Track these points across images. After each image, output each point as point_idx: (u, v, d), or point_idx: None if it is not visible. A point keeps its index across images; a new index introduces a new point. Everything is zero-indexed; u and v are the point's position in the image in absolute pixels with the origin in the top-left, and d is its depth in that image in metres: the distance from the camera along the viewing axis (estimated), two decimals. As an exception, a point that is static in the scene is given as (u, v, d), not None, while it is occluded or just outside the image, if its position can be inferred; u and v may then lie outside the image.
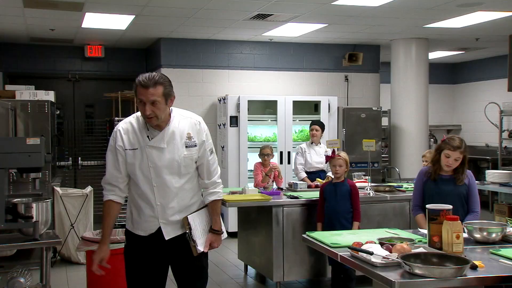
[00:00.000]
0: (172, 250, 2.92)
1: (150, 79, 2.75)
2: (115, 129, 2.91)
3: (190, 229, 2.90)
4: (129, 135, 2.86)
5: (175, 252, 2.93)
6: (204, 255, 3.00)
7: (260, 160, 5.97)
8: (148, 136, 2.84)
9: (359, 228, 4.64)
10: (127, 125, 2.90)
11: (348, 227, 4.61)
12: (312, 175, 6.21)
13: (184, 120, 2.91)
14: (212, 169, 2.99)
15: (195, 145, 2.90)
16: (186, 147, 2.87)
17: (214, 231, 2.99)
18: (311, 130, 6.42)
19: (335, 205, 4.70)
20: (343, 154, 4.80)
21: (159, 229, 2.88)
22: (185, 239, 2.90)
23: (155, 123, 2.82)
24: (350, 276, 4.72)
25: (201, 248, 2.92)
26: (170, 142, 2.85)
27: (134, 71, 9.10)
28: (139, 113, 2.88)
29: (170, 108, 2.89)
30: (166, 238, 2.88)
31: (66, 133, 8.67)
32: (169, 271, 3.05)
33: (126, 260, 3.02)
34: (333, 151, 4.87)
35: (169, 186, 2.86)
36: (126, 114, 8.44)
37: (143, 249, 2.93)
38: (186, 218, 2.90)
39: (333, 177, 4.90)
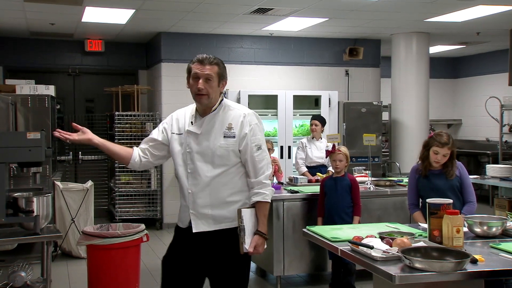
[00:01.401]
0: (203, 247, 2.77)
1: (208, 57, 2.78)
2: (172, 113, 3.00)
3: (242, 222, 2.72)
4: (179, 120, 2.90)
5: (209, 251, 2.77)
6: (246, 263, 2.83)
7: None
8: (191, 122, 2.85)
9: (359, 223, 4.65)
10: (182, 111, 2.95)
11: (349, 221, 4.61)
12: (313, 169, 6.21)
13: (230, 111, 2.83)
14: (259, 167, 2.80)
15: (234, 137, 2.77)
16: (224, 137, 2.77)
17: (260, 233, 2.79)
18: (311, 125, 6.41)
19: (335, 199, 4.71)
20: (343, 149, 4.80)
21: (191, 221, 2.79)
22: (218, 238, 2.75)
23: (205, 102, 2.77)
24: (350, 270, 4.73)
25: (247, 247, 2.73)
26: (208, 129, 2.80)
27: (134, 66, 9.13)
28: (194, 105, 2.90)
29: (222, 97, 2.87)
30: (194, 231, 2.75)
31: (67, 127, 8.67)
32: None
33: (164, 259, 2.92)
34: (333, 146, 4.87)
35: (201, 174, 2.77)
36: (126, 108, 8.46)
37: (182, 243, 2.85)
38: (240, 210, 2.74)
39: (333, 171, 4.90)
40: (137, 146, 3.01)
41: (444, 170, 3.81)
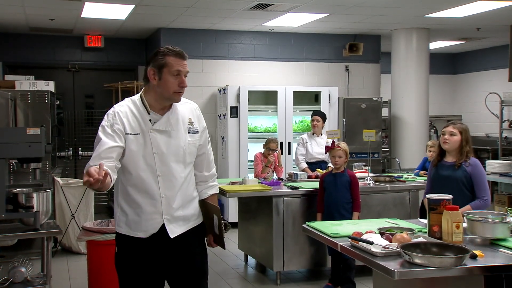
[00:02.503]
0: (175, 251, 2.63)
1: (182, 50, 2.59)
2: (110, 112, 2.59)
3: (222, 217, 2.68)
4: (128, 118, 2.56)
5: (178, 254, 2.64)
6: (206, 258, 2.77)
7: (261, 150, 5.97)
8: (150, 120, 2.58)
9: (358, 218, 4.66)
10: (125, 108, 2.59)
11: (348, 217, 4.62)
12: (313, 165, 6.22)
13: (183, 105, 2.69)
14: (211, 160, 2.79)
15: (197, 131, 2.68)
16: (189, 133, 2.65)
17: (228, 224, 2.78)
18: (312, 120, 6.40)
19: (334, 195, 4.71)
20: (343, 145, 4.80)
21: (162, 227, 2.58)
22: (187, 238, 2.64)
23: (179, 100, 2.62)
24: (349, 266, 4.74)
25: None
26: (175, 126, 2.61)
27: (134, 62, 9.12)
28: (135, 97, 2.65)
29: None
30: (172, 236, 2.58)
31: (66, 123, 8.67)
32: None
33: (120, 269, 2.67)
34: (333, 142, 4.87)
35: (175, 175, 2.59)
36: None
37: (141, 253, 2.60)
38: (218, 207, 2.70)
39: (333, 167, 4.91)
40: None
41: (456, 161, 3.86)
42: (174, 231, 2.60)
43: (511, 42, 7.74)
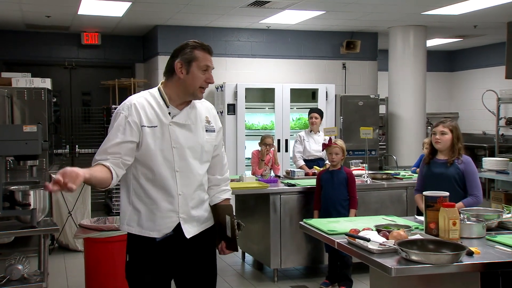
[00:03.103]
0: (188, 254, 2.52)
1: (210, 46, 2.52)
2: (127, 103, 2.45)
3: (234, 218, 2.59)
4: (146, 110, 2.43)
5: (190, 256, 2.53)
6: (215, 263, 2.67)
7: (258, 148, 5.98)
8: (169, 113, 2.47)
9: (355, 216, 4.67)
10: (142, 100, 2.46)
11: (345, 214, 4.63)
12: (311, 163, 6.22)
13: (199, 103, 2.60)
14: (225, 163, 2.70)
15: (214, 131, 2.59)
16: (206, 131, 2.55)
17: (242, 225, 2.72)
18: (310, 118, 6.40)
19: (331, 192, 4.72)
20: (340, 142, 4.81)
21: (177, 227, 2.46)
22: (200, 240, 2.54)
23: (202, 97, 2.56)
24: (346, 263, 4.75)
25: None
26: (193, 122, 2.52)
27: (131, 59, 9.10)
28: (152, 91, 2.53)
29: None
30: (188, 237, 2.47)
31: (63, 120, 8.65)
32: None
33: (132, 277, 2.50)
34: (330, 139, 4.88)
35: (193, 172, 2.48)
36: (123, 101, 8.41)
37: (153, 256, 2.47)
38: (231, 210, 2.62)
39: (330, 164, 4.91)
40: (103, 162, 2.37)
41: (448, 159, 3.89)
42: (189, 231, 2.49)
43: (508, 40, 7.75)
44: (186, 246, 2.50)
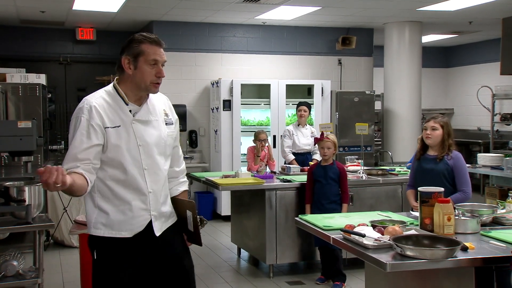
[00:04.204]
0: (160, 250, 2.48)
1: (158, 37, 2.42)
2: (85, 105, 2.36)
3: (197, 214, 2.56)
4: (106, 110, 2.37)
5: (163, 253, 2.49)
6: (189, 253, 2.64)
7: (253, 144, 5.98)
8: (130, 111, 2.41)
9: (348, 210, 4.70)
10: (100, 100, 2.38)
11: (337, 209, 4.66)
12: (300, 156, 6.26)
13: (155, 96, 2.52)
14: (180, 155, 2.67)
15: (172, 123, 2.56)
16: (166, 124, 2.51)
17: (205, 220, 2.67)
18: (298, 110, 6.43)
19: (323, 187, 4.75)
20: (331, 136, 4.85)
21: (148, 224, 2.43)
22: (169, 235, 2.51)
23: (157, 92, 2.47)
24: (336, 256, 4.76)
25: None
26: (154, 117, 2.48)
27: (126, 54, 9.06)
28: (108, 88, 2.46)
29: None
30: (157, 234, 2.44)
31: (58, 116, 8.62)
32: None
33: (98, 277, 2.43)
34: (322, 133, 4.90)
35: (160, 168, 2.47)
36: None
37: (124, 255, 2.40)
38: (193, 202, 2.57)
39: (318, 159, 4.93)
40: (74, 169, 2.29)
41: (437, 155, 3.91)
42: (158, 228, 2.46)
43: (503, 36, 7.76)
44: (158, 243, 2.47)
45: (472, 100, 10.21)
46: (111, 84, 2.48)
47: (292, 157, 6.28)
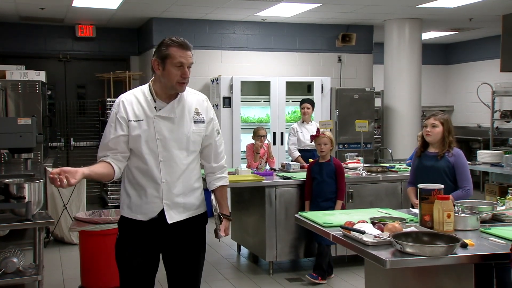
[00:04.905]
0: (172, 237, 2.70)
1: (186, 41, 2.63)
2: (117, 100, 2.71)
3: (217, 209, 2.75)
4: (133, 106, 2.66)
5: (174, 240, 2.71)
6: (202, 249, 2.85)
7: (253, 141, 5.98)
8: (155, 108, 2.66)
9: (343, 207, 4.71)
10: (130, 97, 2.70)
11: (332, 207, 4.68)
12: (306, 153, 6.25)
13: (191, 95, 2.76)
14: (220, 151, 2.85)
15: (203, 122, 2.74)
16: (194, 122, 2.71)
17: (227, 217, 2.84)
18: (302, 108, 6.45)
19: (320, 184, 4.77)
20: (328, 133, 4.86)
21: (162, 212, 2.66)
22: (185, 226, 2.71)
23: (183, 90, 2.69)
24: (321, 253, 4.78)
25: (222, 233, 2.79)
26: (179, 114, 2.68)
27: (126, 51, 9.06)
28: (143, 87, 2.74)
29: None
30: (169, 222, 2.65)
31: (58, 113, 8.62)
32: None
33: (120, 253, 2.73)
34: (317, 130, 4.92)
35: (177, 161, 2.67)
36: (118, 94, 8.36)
37: (140, 236, 2.68)
38: (214, 198, 2.80)
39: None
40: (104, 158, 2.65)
41: (438, 152, 3.90)
42: (172, 217, 2.67)
43: (503, 33, 7.75)
44: (171, 230, 2.68)
45: (472, 97, 10.21)
46: (148, 83, 2.77)
47: (297, 154, 6.30)
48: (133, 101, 2.68)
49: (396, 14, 7.97)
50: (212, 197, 2.82)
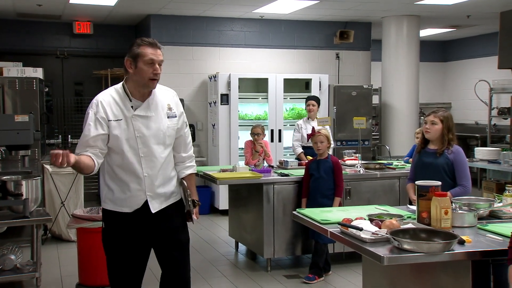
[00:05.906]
0: (157, 224, 2.90)
1: (156, 41, 2.83)
2: (94, 101, 2.83)
3: (190, 195, 2.96)
4: (111, 106, 2.81)
5: (159, 227, 2.91)
6: (186, 229, 3.06)
7: (250, 138, 5.97)
8: (132, 107, 2.83)
9: (340, 204, 4.71)
10: (107, 97, 2.84)
11: (329, 204, 4.68)
12: (309, 150, 6.25)
13: (162, 92, 2.94)
14: (188, 142, 3.05)
15: (175, 116, 2.93)
16: (168, 117, 2.90)
17: (198, 202, 3.04)
18: (307, 105, 6.46)
19: (318, 181, 4.77)
20: (324, 131, 4.87)
21: (145, 203, 2.86)
22: (167, 212, 2.91)
23: (155, 87, 2.84)
24: (317, 251, 4.79)
25: (195, 216, 3.00)
26: (154, 111, 2.86)
27: (123, 48, 8.94)
28: (117, 86, 2.88)
29: None
30: (153, 211, 2.86)
31: (55, 110, 8.60)
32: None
33: (107, 243, 2.94)
34: (313, 128, 4.92)
35: (156, 156, 2.85)
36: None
37: (126, 227, 2.87)
38: (185, 184, 2.97)
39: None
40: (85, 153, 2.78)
41: (437, 149, 3.90)
42: (155, 206, 2.87)
43: (501, 30, 7.76)
44: (155, 219, 2.88)
45: (469, 94, 10.22)
46: (121, 83, 2.90)
47: (300, 150, 6.33)
48: (111, 101, 2.82)
49: (394, 11, 7.97)
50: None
